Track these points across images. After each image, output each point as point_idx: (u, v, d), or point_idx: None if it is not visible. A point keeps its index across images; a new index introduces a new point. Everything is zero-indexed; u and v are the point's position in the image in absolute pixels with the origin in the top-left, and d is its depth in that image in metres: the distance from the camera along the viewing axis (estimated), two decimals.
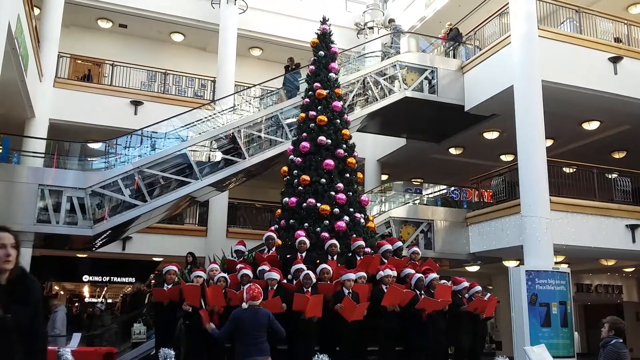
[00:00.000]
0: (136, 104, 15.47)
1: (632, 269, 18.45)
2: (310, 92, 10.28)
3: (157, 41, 18.78)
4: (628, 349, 5.93)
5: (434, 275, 8.51)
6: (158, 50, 18.60)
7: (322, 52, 10.55)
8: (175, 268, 8.61)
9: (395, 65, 14.14)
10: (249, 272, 7.96)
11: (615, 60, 12.97)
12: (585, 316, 21.46)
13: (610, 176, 13.84)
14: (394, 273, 8.17)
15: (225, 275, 8.07)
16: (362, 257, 8.64)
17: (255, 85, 15.13)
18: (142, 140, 12.61)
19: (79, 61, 16.89)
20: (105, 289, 23.74)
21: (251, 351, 5.88)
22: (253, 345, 5.89)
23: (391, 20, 16.65)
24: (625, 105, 13.18)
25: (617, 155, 16.47)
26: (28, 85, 12.13)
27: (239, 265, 8.30)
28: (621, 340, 5.73)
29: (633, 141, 15.41)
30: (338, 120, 10.03)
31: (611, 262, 15.50)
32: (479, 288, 9.07)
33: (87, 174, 11.24)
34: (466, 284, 8.99)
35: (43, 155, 12.29)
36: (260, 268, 8.12)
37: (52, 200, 10.70)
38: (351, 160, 9.85)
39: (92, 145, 13.38)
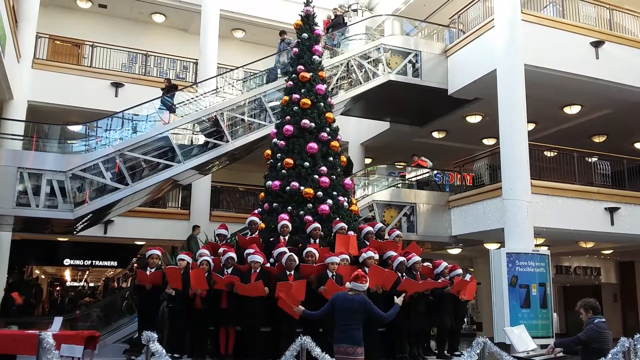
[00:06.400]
0: (117, 85, 15.24)
1: (610, 251, 18.78)
2: (293, 75, 10.20)
3: (138, 22, 18.46)
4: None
5: (417, 258, 8.57)
6: (139, 31, 18.27)
7: (305, 35, 10.45)
8: (158, 252, 8.56)
9: (379, 48, 14.10)
10: (233, 254, 7.95)
11: (597, 44, 13.07)
12: (564, 297, 21.86)
13: (590, 160, 14.00)
14: (377, 255, 8.22)
15: (209, 258, 8.05)
16: (334, 234, 8.61)
17: (238, 68, 14.96)
18: (123, 122, 12.44)
19: (58, 42, 16.54)
20: (87, 272, 23.59)
21: (340, 337, 5.72)
22: (342, 332, 5.71)
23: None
24: (606, 89, 13.31)
25: (598, 139, 16.66)
26: (6, 66, 11.88)
27: (222, 249, 8.27)
28: (603, 320, 5.86)
29: (613, 125, 15.61)
30: (322, 104, 9.98)
31: (590, 245, 15.74)
32: (460, 271, 9.17)
33: (67, 157, 11.09)
34: (445, 263, 9.07)
35: (22, 137, 12.09)
36: (247, 251, 8.10)
37: (32, 184, 10.55)
38: (335, 143, 9.82)
39: (72, 128, 13.18)
